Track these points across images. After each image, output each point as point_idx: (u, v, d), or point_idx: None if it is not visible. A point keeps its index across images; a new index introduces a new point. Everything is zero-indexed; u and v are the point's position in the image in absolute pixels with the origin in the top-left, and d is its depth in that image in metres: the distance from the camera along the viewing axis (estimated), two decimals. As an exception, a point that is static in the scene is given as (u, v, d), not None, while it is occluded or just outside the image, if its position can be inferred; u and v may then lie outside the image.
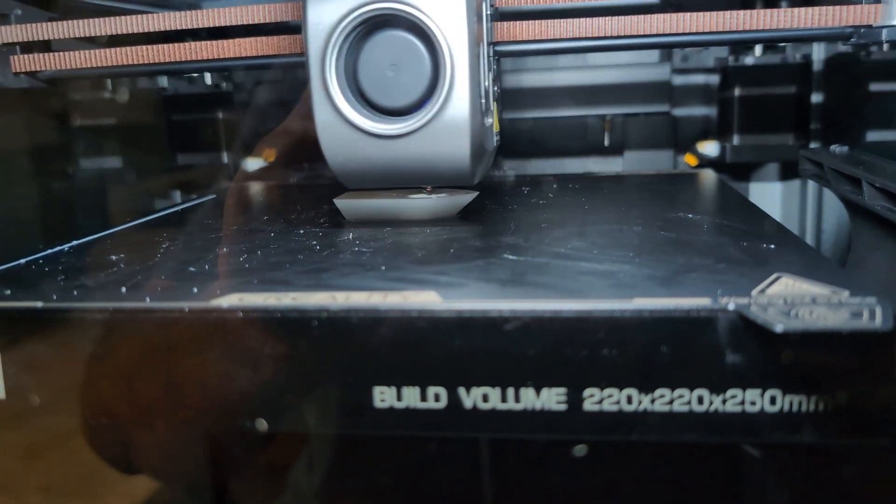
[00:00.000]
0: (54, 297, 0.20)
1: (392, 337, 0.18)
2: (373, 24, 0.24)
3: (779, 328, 0.15)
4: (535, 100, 0.44)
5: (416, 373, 0.18)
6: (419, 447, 0.19)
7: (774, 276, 0.19)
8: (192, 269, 0.22)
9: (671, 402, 0.17)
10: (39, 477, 0.21)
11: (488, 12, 0.26)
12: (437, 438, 0.19)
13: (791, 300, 0.17)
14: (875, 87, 0.36)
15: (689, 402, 0.17)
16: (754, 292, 0.17)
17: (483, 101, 0.25)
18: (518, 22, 0.27)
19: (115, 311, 0.19)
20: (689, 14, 0.26)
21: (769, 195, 0.43)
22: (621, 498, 0.19)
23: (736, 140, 0.40)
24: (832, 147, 0.31)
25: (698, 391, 0.17)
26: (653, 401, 0.17)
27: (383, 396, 0.18)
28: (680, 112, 0.44)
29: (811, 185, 0.42)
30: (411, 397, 0.18)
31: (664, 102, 0.43)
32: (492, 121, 0.27)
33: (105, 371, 0.19)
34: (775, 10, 0.26)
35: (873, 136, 0.37)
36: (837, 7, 0.25)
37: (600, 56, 0.43)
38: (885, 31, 0.24)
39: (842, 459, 0.17)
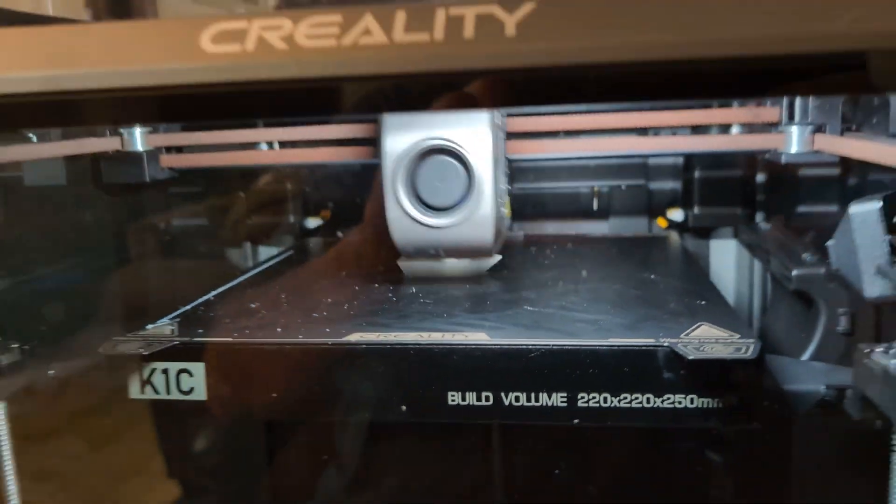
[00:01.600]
0: (235, 335, 0.31)
1: (459, 361, 0.28)
2: (427, 151, 0.35)
3: (691, 357, 0.26)
4: (539, 173, 0.55)
5: (474, 383, 0.28)
6: (472, 433, 0.30)
7: (698, 324, 0.30)
8: (315, 315, 0.33)
9: (630, 401, 0.28)
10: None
11: (503, 136, 0.37)
12: (483, 426, 0.30)
13: (702, 340, 0.28)
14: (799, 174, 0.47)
15: (641, 402, 0.27)
16: (682, 335, 0.28)
17: (500, 199, 0.36)
18: (525, 140, 0.39)
19: (281, 344, 0.30)
20: (652, 138, 0.37)
21: (725, 250, 0.54)
22: (602, 468, 0.29)
23: (696, 210, 0.51)
24: (759, 223, 0.42)
25: (647, 395, 0.27)
26: (619, 400, 0.28)
27: (454, 398, 0.28)
28: (654, 185, 0.55)
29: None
30: (471, 398, 0.28)
31: (641, 177, 0.54)
32: (505, 210, 0.38)
33: (267, 385, 0.30)
34: (712, 137, 0.37)
35: (802, 209, 0.48)
36: (754, 136, 0.37)
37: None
38: (783, 156, 0.35)
39: (734, 439, 0.28)
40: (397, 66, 0.22)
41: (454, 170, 0.35)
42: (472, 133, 0.34)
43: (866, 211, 0.27)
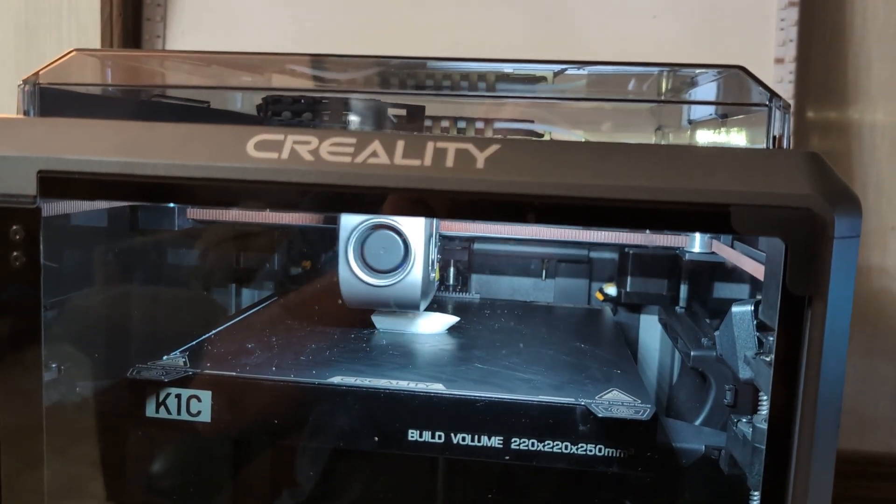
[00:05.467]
0: (238, 370, 0.37)
1: (419, 406, 0.36)
2: (373, 227, 0.43)
3: (600, 415, 0.34)
4: (499, 246, 0.63)
5: (431, 424, 0.35)
6: (422, 464, 0.37)
7: (610, 389, 0.37)
8: (302, 358, 0.40)
9: (552, 447, 0.35)
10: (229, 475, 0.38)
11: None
12: (435, 459, 0.37)
13: (611, 402, 0.35)
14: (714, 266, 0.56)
15: (560, 448, 0.35)
16: (596, 397, 0.36)
17: (430, 266, 0.44)
18: (455, 222, 0.47)
19: (276, 381, 0.37)
20: (589, 230, 0.45)
21: (651, 325, 0.62)
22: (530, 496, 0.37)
23: (628, 287, 0.59)
24: (677, 308, 0.50)
25: (566, 442, 0.35)
26: (544, 445, 0.35)
27: (413, 435, 0.36)
28: (594, 255, 0.63)
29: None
30: (427, 436, 0.35)
31: (584, 250, 0.63)
32: (434, 274, 0.46)
33: (262, 413, 0.36)
34: (638, 233, 0.45)
35: (716, 296, 0.57)
36: (668, 235, 0.45)
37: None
38: (687, 254, 0.44)
39: (632, 484, 0.35)
40: (395, 181, 0.30)
41: (395, 242, 0.43)
42: (411, 215, 0.43)
43: (743, 311, 0.36)
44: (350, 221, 0.43)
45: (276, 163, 0.30)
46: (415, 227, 0.43)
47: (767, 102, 0.31)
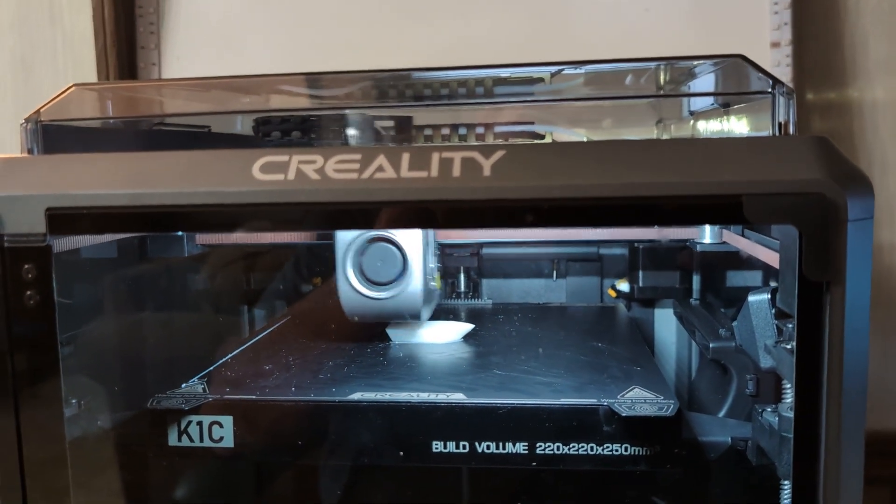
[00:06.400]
0: (258, 393, 0.37)
1: (442, 417, 0.35)
2: (371, 240, 0.43)
3: (623, 414, 0.34)
4: (511, 249, 0.62)
5: (454, 434, 0.35)
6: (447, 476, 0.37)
7: (632, 387, 0.37)
8: (320, 376, 0.40)
9: (578, 449, 0.35)
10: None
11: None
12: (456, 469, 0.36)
13: (634, 400, 0.35)
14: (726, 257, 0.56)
15: (586, 450, 0.35)
16: (618, 396, 0.36)
17: (430, 275, 0.44)
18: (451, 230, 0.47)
19: (296, 402, 0.36)
20: (598, 230, 0.45)
21: (667, 319, 0.62)
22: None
23: (641, 282, 0.59)
24: (691, 300, 0.50)
25: (590, 444, 0.35)
26: (569, 448, 0.35)
27: (437, 446, 0.35)
28: (604, 252, 0.62)
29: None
30: (451, 447, 0.35)
31: (594, 248, 0.62)
32: (434, 283, 0.46)
33: (286, 433, 0.36)
34: (652, 229, 0.45)
35: (729, 286, 0.57)
36: (678, 228, 0.45)
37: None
38: (698, 245, 0.44)
39: (660, 480, 0.35)
40: (403, 194, 0.30)
41: (392, 254, 0.43)
42: (407, 226, 0.43)
43: (760, 300, 0.35)
44: (346, 236, 0.44)
45: (284, 184, 0.30)
46: (411, 238, 0.43)
47: (770, 89, 0.31)
